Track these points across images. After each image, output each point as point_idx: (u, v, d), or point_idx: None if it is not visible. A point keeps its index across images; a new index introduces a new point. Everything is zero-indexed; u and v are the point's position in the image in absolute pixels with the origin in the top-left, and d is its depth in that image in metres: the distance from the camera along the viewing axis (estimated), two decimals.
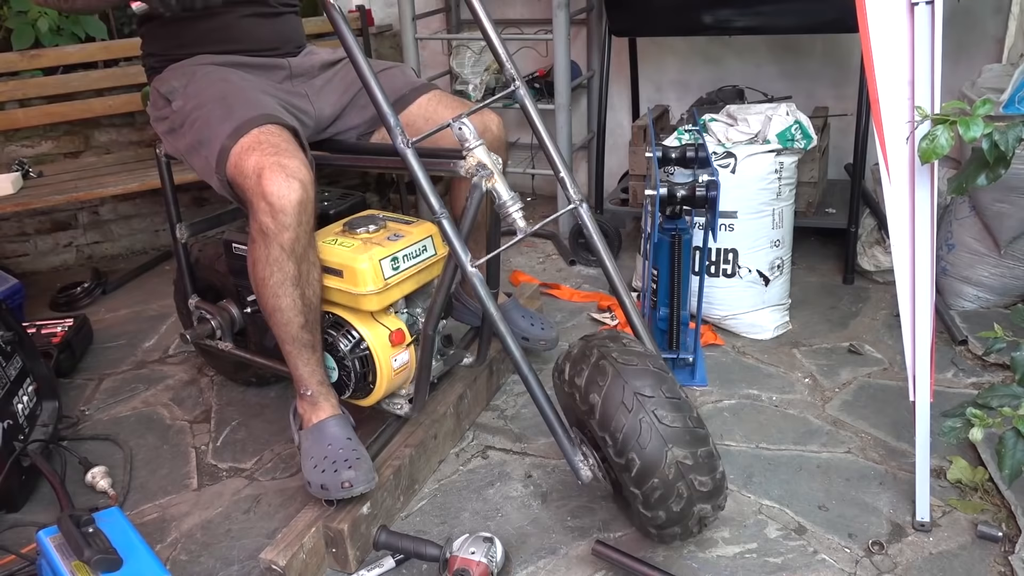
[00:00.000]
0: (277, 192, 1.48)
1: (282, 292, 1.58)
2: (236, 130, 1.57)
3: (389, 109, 1.48)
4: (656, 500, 1.39)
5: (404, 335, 1.73)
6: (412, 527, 1.74)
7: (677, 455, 1.37)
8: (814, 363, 2.28)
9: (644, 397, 1.39)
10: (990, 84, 2.37)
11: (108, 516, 1.54)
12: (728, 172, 2.27)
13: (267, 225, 1.51)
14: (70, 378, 2.45)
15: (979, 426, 1.44)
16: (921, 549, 1.59)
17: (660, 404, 1.39)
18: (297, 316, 1.61)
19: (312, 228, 1.58)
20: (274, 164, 1.50)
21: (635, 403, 1.38)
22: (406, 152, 1.48)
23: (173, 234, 2.02)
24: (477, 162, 1.50)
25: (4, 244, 3.27)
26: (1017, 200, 2.22)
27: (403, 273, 1.69)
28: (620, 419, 1.38)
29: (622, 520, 1.70)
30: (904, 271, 1.59)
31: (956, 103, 1.43)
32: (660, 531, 1.46)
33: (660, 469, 1.37)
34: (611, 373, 1.42)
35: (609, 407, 1.39)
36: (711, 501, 1.43)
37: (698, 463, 1.39)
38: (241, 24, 1.80)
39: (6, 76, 3.02)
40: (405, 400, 1.80)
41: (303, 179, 1.51)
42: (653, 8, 2.71)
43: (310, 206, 1.54)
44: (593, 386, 1.43)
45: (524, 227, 1.51)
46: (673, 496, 1.39)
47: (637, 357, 1.46)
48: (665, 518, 1.42)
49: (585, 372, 1.46)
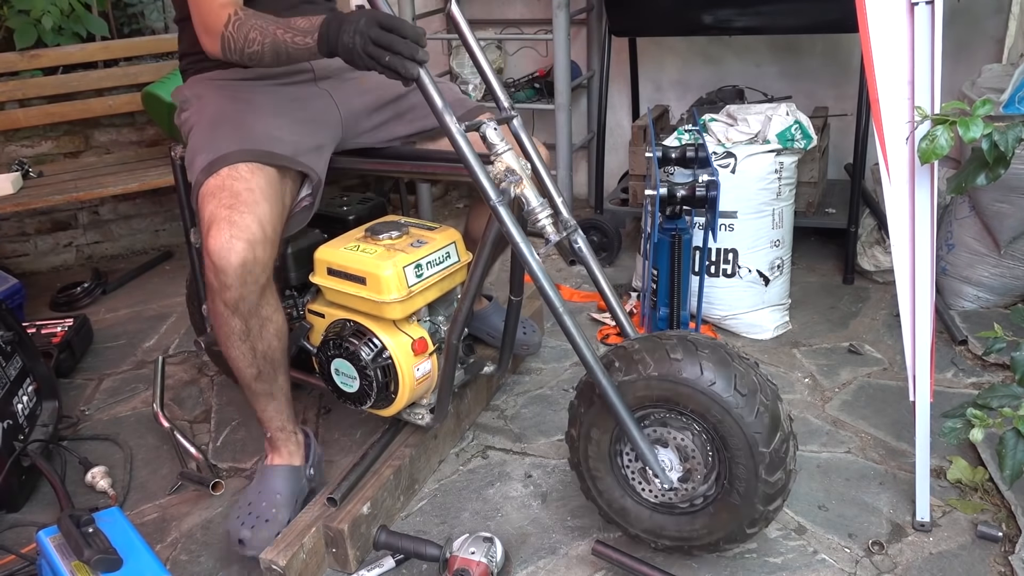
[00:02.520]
0: (219, 251, 1.43)
1: (230, 344, 1.56)
2: (209, 165, 1.53)
3: (437, 93, 1.39)
4: (780, 457, 1.40)
5: (427, 344, 1.70)
6: (412, 527, 1.74)
7: (786, 408, 1.45)
8: (814, 363, 2.28)
9: (744, 360, 1.43)
10: (990, 84, 2.37)
11: (108, 516, 1.54)
12: (728, 172, 2.27)
13: (210, 280, 1.48)
14: (70, 378, 2.45)
15: (979, 426, 1.44)
16: (921, 549, 1.59)
17: (752, 366, 1.43)
18: (249, 368, 1.60)
19: (265, 283, 1.52)
20: (223, 220, 1.44)
21: (743, 366, 1.40)
22: (457, 136, 1.39)
23: (187, 238, 1.98)
24: (506, 167, 1.46)
25: (4, 244, 3.27)
26: (1017, 200, 2.22)
27: (427, 280, 1.66)
28: (741, 380, 1.38)
29: None
30: (904, 271, 1.59)
31: (956, 103, 1.43)
32: (767, 506, 1.43)
33: (782, 420, 1.41)
34: (708, 347, 1.42)
35: (726, 373, 1.38)
36: (794, 463, 1.47)
37: (773, 391, 1.44)
38: None
39: (6, 76, 3.01)
40: (427, 410, 1.77)
41: (251, 238, 1.44)
42: (653, 8, 2.71)
43: (257, 267, 1.47)
44: (697, 360, 1.39)
45: (554, 233, 1.47)
46: (791, 450, 1.43)
47: (707, 338, 1.48)
48: (782, 482, 1.42)
49: (679, 351, 1.41)
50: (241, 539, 1.59)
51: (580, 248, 1.65)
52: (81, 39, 3.15)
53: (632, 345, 1.47)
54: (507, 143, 1.47)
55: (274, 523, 1.61)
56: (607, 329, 2.49)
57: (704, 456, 1.45)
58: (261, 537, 1.58)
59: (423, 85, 1.38)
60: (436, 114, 1.40)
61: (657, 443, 1.48)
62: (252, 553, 1.57)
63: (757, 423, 1.37)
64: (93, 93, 3.13)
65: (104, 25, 3.21)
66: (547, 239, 1.48)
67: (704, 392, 1.38)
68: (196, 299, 2.10)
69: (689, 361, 1.39)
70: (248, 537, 1.58)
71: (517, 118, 1.64)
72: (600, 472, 1.55)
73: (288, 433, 1.72)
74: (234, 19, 1.50)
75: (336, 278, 1.68)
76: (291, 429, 1.72)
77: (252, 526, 1.60)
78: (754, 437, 1.38)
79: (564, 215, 1.63)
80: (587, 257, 1.65)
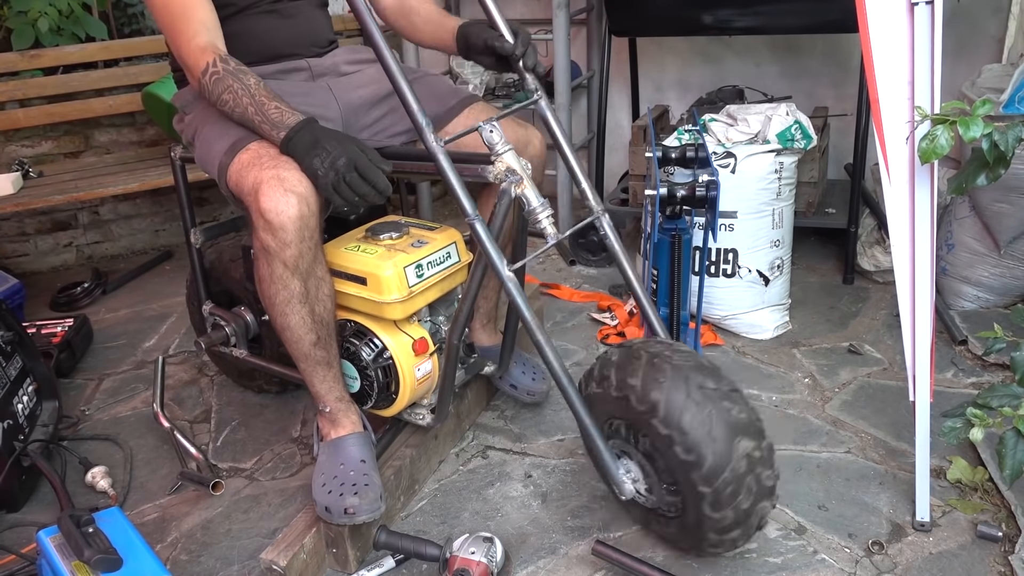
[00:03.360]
0: (275, 208, 1.41)
1: (290, 311, 1.53)
2: (232, 146, 1.53)
3: (418, 107, 1.42)
4: (726, 497, 1.35)
5: (427, 344, 1.70)
6: (412, 527, 1.74)
7: (747, 447, 1.35)
8: (814, 363, 2.28)
9: (709, 390, 1.36)
10: (990, 84, 2.37)
11: (108, 516, 1.54)
12: (728, 172, 2.27)
13: (268, 243, 1.45)
14: (70, 378, 2.45)
15: (979, 426, 1.44)
16: (921, 549, 1.59)
17: (723, 396, 1.37)
18: (308, 334, 1.57)
19: (318, 241, 1.51)
20: (272, 178, 1.43)
21: (701, 396, 1.35)
22: (437, 152, 1.43)
23: (188, 239, 1.99)
24: (506, 167, 1.46)
25: (4, 244, 3.27)
26: (1017, 200, 2.22)
27: (427, 281, 1.66)
28: (688, 413, 1.34)
29: (622, 520, 1.70)
30: (904, 271, 1.59)
31: (956, 103, 1.43)
32: (721, 536, 1.41)
33: (732, 462, 1.33)
34: (669, 370, 1.38)
35: (674, 402, 1.35)
36: (771, 498, 1.41)
37: (763, 456, 1.37)
38: (255, 31, 1.73)
39: (6, 76, 3.01)
40: (427, 410, 1.77)
41: (302, 192, 1.43)
42: (653, 8, 2.71)
43: (312, 219, 1.46)
44: (652, 384, 1.37)
45: (554, 233, 1.48)
46: (743, 491, 1.35)
47: (686, 353, 1.44)
48: (732, 519, 1.37)
49: (640, 372, 1.40)
50: (348, 508, 1.52)
51: (606, 234, 1.65)
52: (80, 40, 3.15)
53: (611, 356, 1.48)
54: (507, 143, 1.48)
55: (373, 486, 1.56)
56: (607, 329, 2.49)
57: (656, 475, 1.47)
58: (369, 499, 1.53)
59: (404, 97, 1.41)
60: (416, 127, 1.43)
61: (624, 453, 1.50)
62: (365, 518, 1.53)
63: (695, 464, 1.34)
64: (93, 93, 3.13)
65: (103, 27, 3.20)
66: (547, 238, 1.48)
67: (651, 423, 1.37)
68: (196, 299, 2.10)
69: (648, 387, 1.37)
70: (356, 503, 1.52)
71: (543, 99, 1.64)
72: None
73: (347, 403, 1.68)
74: (211, 71, 1.50)
75: (337, 278, 1.68)
76: (348, 399, 1.69)
77: (355, 492, 1.54)
78: (693, 477, 1.35)
79: (592, 201, 1.65)
80: (614, 243, 1.65)
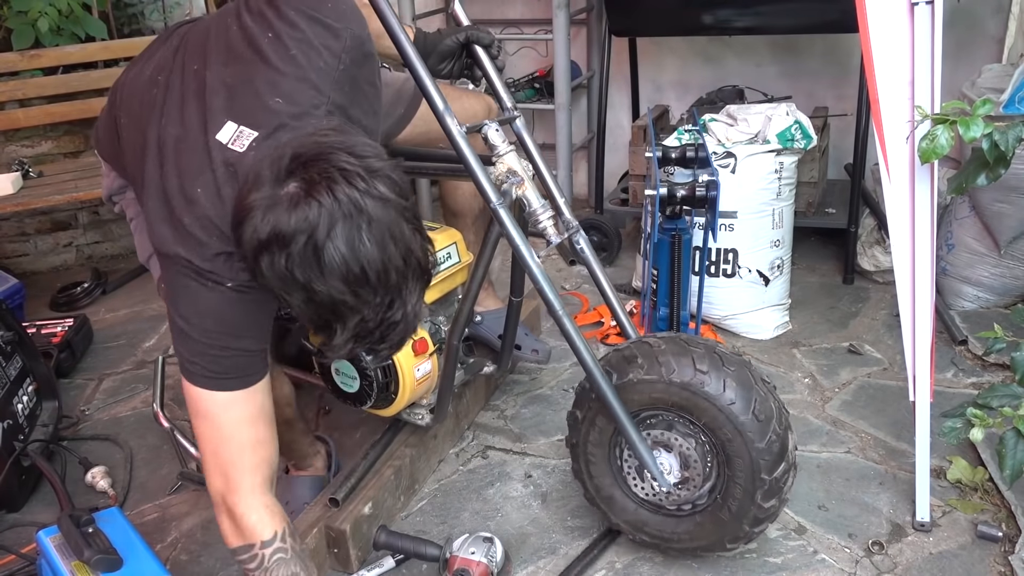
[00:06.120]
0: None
1: None
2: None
3: (438, 95, 1.38)
4: (778, 487, 1.41)
5: (427, 344, 1.69)
6: (412, 527, 1.74)
7: (794, 442, 1.45)
8: (814, 363, 2.28)
9: (768, 384, 1.45)
10: (990, 84, 2.37)
11: (108, 516, 1.53)
12: (728, 172, 2.27)
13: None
14: (70, 378, 2.45)
15: (979, 426, 1.44)
16: (921, 549, 1.59)
17: (772, 390, 1.45)
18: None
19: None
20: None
21: (766, 390, 1.42)
22: (458, 138, 1.37)
23: None
24: (508, 168, 1.44)
25: (4, 244, 3.27)
26: (1017, 200, 2.22)
27: None
28: (760, 404, 1.39)
29: None
30: (904, 271, 1.59)
31: (956, 103, 1.43)
32: (752, 528, 1.45)
33: (788, 454, 1.42)
34: (728, 361, 1.43)
35: (716, 373, 1.40)
36: (793, 473, 1.47)
37: (786, 419, 1.45)
38: None
39: (6, 76, 3.01)
40: (427, 410, 1.77)
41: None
42: (653, 8, 2.71)
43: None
44: (722, 373, 1.40)
45: (554, 235, 1.47)
46: (787, 482, 1.44)
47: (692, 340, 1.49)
48: (775, 509, 1.44)
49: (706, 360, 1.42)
50: None
51: (582, 249, 1.65)
52: (80, 40, 3.15)
53: (659, 345, 1.46)
54: (509, 144, 1.47)
55: None
56: (607, 329, 2.49)
57: (704, 467, 1.46)
58: None
59: (424, 87, 1.38)
60: (437, 115, 1.39)
61: (660, 445, 1.49)
62: None
63: (766, 450, 1.39)
64: (93, 93, 3.12)
65: (103, 27, 3.20)
66: (548, 240, 1.48)
67: (722, 410, 1.39)
68: None
69: (715, 375, 1.40)
70: None
71: (520, 118, 1.63)
72: (596, 458, 1.56)
73: (310, 455, 1.78)
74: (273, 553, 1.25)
75: None
76: (311, 451, 1.78)
77: None
78: (759, 463, 1.39)
79: (566, 215, 1.63)
80: (589, 258, 1.65)
